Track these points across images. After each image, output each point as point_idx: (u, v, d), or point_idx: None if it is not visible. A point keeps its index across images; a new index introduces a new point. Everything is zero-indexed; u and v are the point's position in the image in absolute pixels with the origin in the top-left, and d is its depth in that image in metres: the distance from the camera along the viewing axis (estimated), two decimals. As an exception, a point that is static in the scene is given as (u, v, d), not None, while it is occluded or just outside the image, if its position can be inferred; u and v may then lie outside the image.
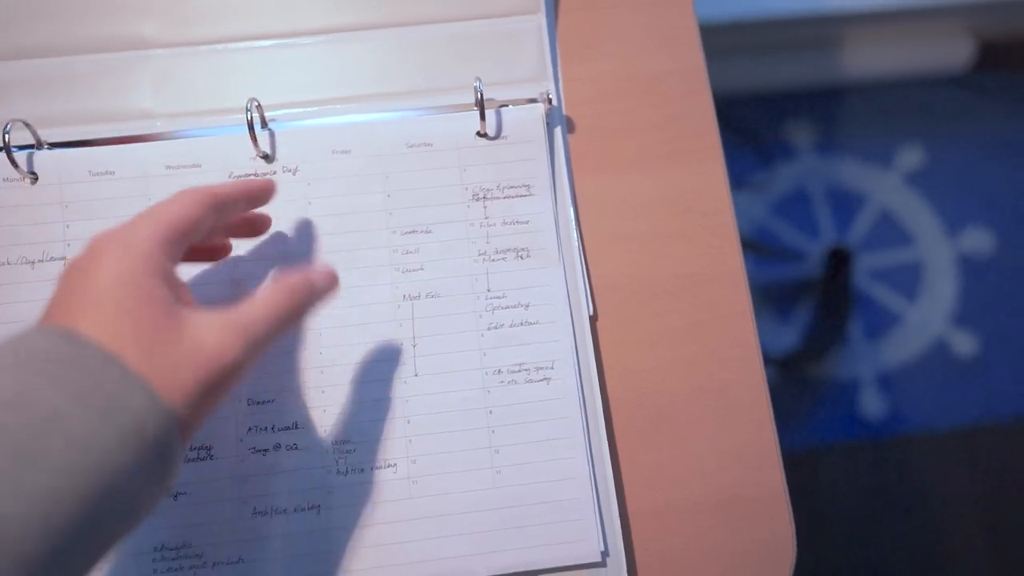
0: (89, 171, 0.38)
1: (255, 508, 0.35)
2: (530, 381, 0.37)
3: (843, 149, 1.27)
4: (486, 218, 0.39)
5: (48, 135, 0.39)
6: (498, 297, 0.38)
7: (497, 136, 0.40)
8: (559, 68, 0.43)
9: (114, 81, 0.40)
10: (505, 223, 0.39)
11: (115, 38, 0.40)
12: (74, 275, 0.27)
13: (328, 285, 0.32)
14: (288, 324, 0.30)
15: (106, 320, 0.26)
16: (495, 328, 0.38)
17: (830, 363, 1.18)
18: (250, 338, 0.28)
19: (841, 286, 1.17)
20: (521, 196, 0.39)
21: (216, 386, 0.27)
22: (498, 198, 0.39)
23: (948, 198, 1.26)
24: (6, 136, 0.36)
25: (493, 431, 0.37)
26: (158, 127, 0.40)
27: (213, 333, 0.27)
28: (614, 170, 0.42)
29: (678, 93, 0.43)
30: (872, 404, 1.18)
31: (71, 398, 0.24)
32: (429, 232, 0.38)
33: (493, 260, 0.38)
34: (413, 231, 0.38)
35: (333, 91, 0.40)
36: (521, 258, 0.39)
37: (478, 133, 0.40)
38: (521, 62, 0.41)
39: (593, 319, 0.39)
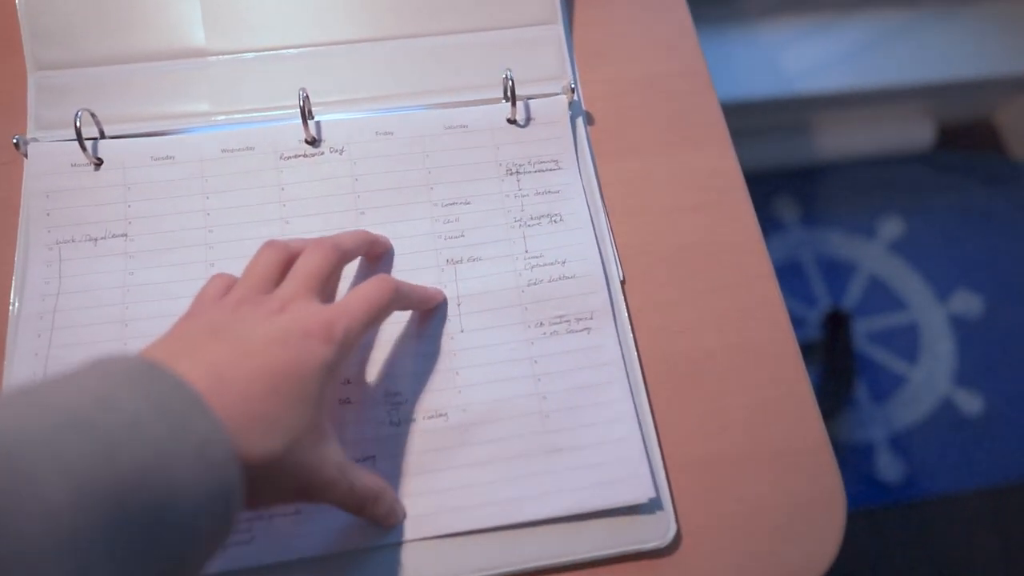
0: (151, 156, 0.41)
1: (307, 460, 0.35)
2: (571, 331, 0.39)
3: (827, 222, 1.33)
4: (520, 189, 0.42)
5: (112, 131, 0.42)
6: (535, 257, 0.40)
7: (526, 123, 0.43)
8: (576, 71, 0.47)
9: (174, 85, 0.43)
10: (537, 193, 0.42)
11: (174, 49, 0.44)
12: (244, 326, 0.29)
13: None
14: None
15: (252, 397, 0.27)
16: (534, 284, 0.39)
17: (843, 426, 1.18)
18: (349, 498, 0.31)
19: (843, 347, 1.19)
20: (551, 170, 0.42)
21: (302, 490, 0.29)
22: (530, 172, 0.42)
23: (932, 264, 1.31)
24: (77, 122, 0.40)
25: (539, 379, 0.37)
26: (213, 122, 0.43)
27: (331, 468, 0.30)
28: (632, 155, 0.45)
29: (684, 90, 0.48)
30: (889, 467, 1.16)
31: (153, 409, 0.24)
32: (468, 203, 0.41)
33: (529, 225, 0.41)
34: (453, 203, 0.41)
35: (372, 91, 0.44)
36: (554, 222, 0.41)
37: (508, 120, 0.43)
38: (543, 64, 0.46)
39: (622, 283, 0.41)
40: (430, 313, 0.39)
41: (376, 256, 0.39)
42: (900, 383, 1.22)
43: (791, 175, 1.35)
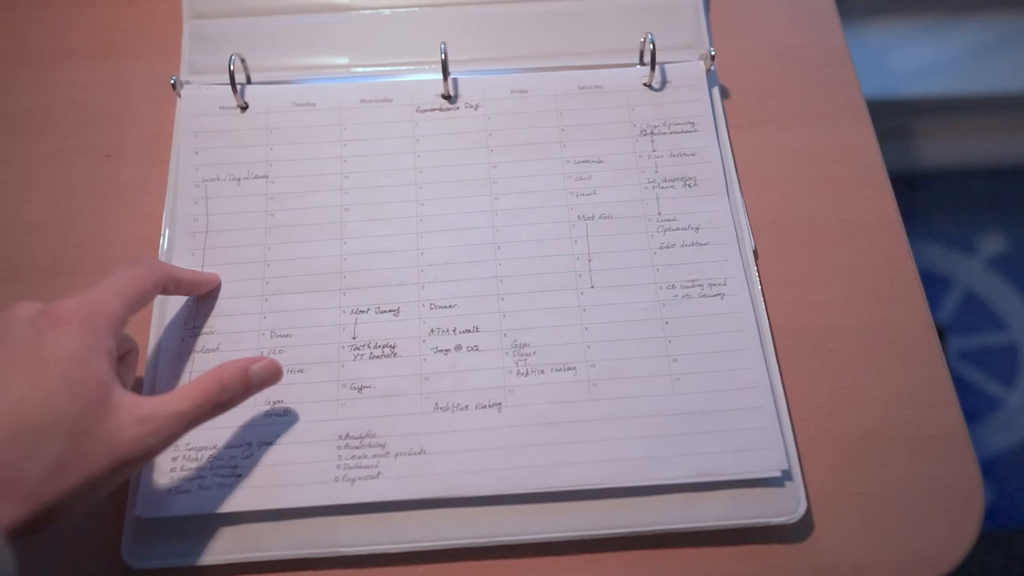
0: (293, 102, 0.42)
1: (437, 404, 0.35)
2: (704, 296, 0.38)
3: (924, 233, 1.28)
4: (654, 151, 0.41)
5: (258, 79, 0.43)
6: (668, 220, 0.39)
7: (662, 87, 0.43)
8: (712, 40, 0.46)
9: (316, 38, 0.44)
10: (672, 155, 0.41)
11: (318, 3, 0.45)
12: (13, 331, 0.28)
13: (267, 378, 0.33)
14: (214, 414, 0.30)
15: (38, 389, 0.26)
16: (667, 247, 0.39)
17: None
18: (167, 434, 0.28)
19: (936, 362, 1.14)
20: (686, 132, 0.42)
21: (118, 473, 0.27)
22: (664, 133, 0.41)
23: (1036, 285, 1.24)
24: (231, 66, 0.41)
25: (670, 341, 0.37)
26: (351, 74, 0.44)
27: (131, 429, 0.27)
28: (766, 127, 0.44)
29: (821, 64, 0.46)
30: (977, 493, 1.10)
31: None
32: (601, 162, 0.41)
33: (662, 187, 0.40)
34: (586, 160, 0.41)
35: (506, 51, 0.44)
36: (689, 186, 0.40)
37: (644, 84, 0.43)
38: (680, 32, 0.45)
39: (755, 254, 0.40)
40: (560, 268, 0.38)
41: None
42: (994, 406, 1.16)
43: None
